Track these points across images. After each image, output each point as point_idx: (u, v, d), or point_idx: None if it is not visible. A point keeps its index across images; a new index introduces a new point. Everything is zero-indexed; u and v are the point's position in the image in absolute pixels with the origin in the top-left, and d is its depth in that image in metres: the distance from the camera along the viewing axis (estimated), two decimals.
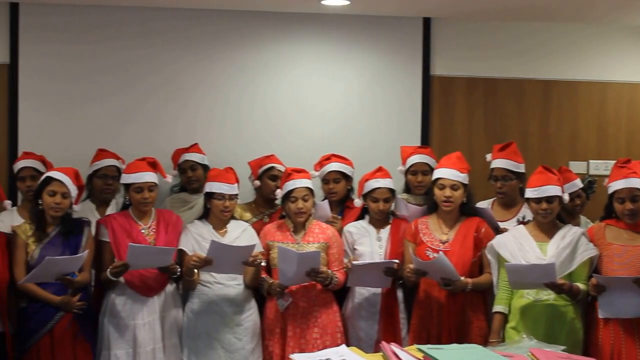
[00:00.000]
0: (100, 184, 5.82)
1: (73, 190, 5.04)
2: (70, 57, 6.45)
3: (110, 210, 5.80)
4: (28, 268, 4.93)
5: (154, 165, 5.29)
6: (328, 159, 5.83)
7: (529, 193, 5.01)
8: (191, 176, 6.08)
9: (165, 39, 6.57)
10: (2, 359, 4.88)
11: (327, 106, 6.77)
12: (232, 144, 6.57)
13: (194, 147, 6.17)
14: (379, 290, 5.35)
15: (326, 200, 5.71)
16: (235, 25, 6.63)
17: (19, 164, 5.79)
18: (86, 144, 6.13)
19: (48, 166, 5.72)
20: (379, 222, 5.44)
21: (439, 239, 5.18)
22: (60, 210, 5.02)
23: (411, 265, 5.08)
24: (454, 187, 5.15)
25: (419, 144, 6.52)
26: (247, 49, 6.67)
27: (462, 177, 5.18)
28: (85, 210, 5.59)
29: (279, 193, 5.38)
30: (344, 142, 6.55)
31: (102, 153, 5.93)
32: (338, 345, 4.63)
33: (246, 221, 5.61)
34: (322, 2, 6.29)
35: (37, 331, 4.92)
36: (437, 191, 5.20)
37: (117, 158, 5.90)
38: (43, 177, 5.13)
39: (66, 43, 6.44)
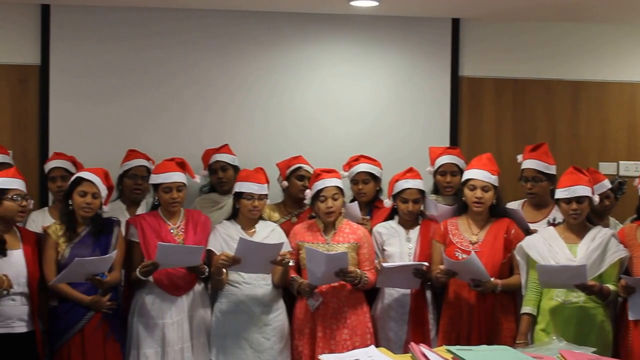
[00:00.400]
0: (130, 184, 5.84)
1: (103, 191, 5.07)
2: (100, 59, 6.48)
3: (141, 210, 5.83)
4: (58, 268, 4.96)
5: (182, 166, 5.32)
6: (357, 160, 5.83)
7: (559, 193, 4.99)
8: (222, 177, 6.06)
9: (196, 40, 6.59)
10: (33, 357, 4.91)
11: (355, 107, 6.76)
12: (261, 145, 6.57)
13: (225, 148, 6.16)
14: (408, 291, 5.34)
15: (355, 202, 5.70)
16: (264, 26, 6.64)
17: (50, 165, 5.84)
18: (116, 144, 6.16)
19: (78, 167, 5.76)
20: (408, 223, 5.43)
21: (468, 240, 5.17)
22: (91, 211, 5.04)
23: (441, 266, 5.07)
24: (484, 188, 5.14)
25: (447, 145, 6.50)
26: (277, 50, 6.68)
27: (492, 179, 5.16)
28: (116, 210, 5.61)
29: (309, 193, 5.38)
30: (373, 143, 6.54)
31: (132, 153, 5.96)
32: (367, 346, 4.64)
33: (274, 222, 5.63)
34: (351, 3, 6.29)
35: (67, 330, 4.95)
36: (467, 192, 5.18)
37: (147, 159, 5.93)
38: (73, 177, 5.16)
39: (97, 44, 6.47)
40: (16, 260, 4.85)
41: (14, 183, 4.89)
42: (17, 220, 4.93)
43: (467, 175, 5.24)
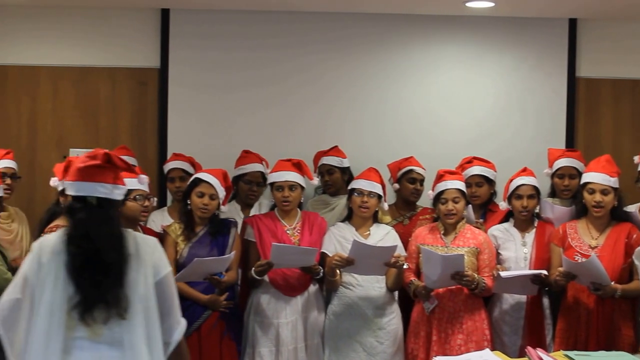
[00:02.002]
0: (245, 189, 5.90)
1: (221, 192, 5.11)
2: (217, 61, 6.60)
3: (254, 211, 5.89)
4: (177, 267, 5.03)
5: (299, 167, 5.34)
6: (470, 162, 5.77)
7: None
8: (327, 180, 6.09)
9: (310, 42, 6.65)
10: None
11: (469, 109, 6.71)
12: (373, 147, 6.58)
13: (333, 150, 6.17)
14: (524, 296, 5.27)
15: (469, 205, 5.62)
16: (378, 28, 6.66)
17: (169, 165, 5.96)
18: (232, 145, 6.24)
19: (197, 167, 5.86)
20: (523, 225, 5.36)
21: (588, 243, 5.06)
22: (208, 212, 5.10)
23: (560, 268, 4.98)
24: (604, 191, 5.03)
25: (564, 147, 6.40)
26: (390, 52, 6.69)
27: (612, 182, 5.04)
28: (231, 210, 5.67)
29: (431, 194, 5.35)
30: (486, 145, 6.49)
31: (247, 155, 6.02)
32: None
33: (385, 224, 5.60)
34: (467, 4, 6.25)
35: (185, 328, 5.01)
36: (586, 196, 5.08)
37: (261, 160, 5.99)
38: (192, 178, 5.24)
39: (214, 47, 6.60)
40: None
41: (134, 184, 4.96)
42: (140, 219, 5.02)
43: (585, 178, 5.14)
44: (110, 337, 3.28)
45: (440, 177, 5.30)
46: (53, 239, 3.34)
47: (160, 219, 5.67)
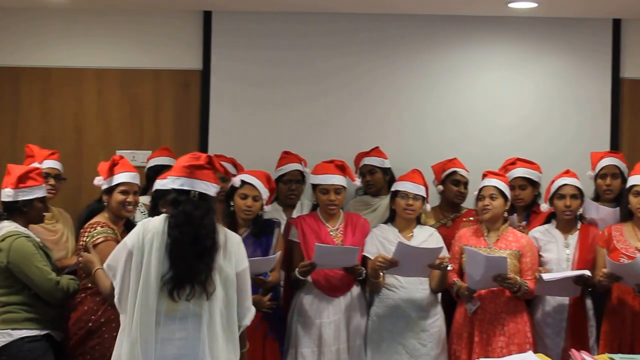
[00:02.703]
0: (284, 189, 5.91)
1: (264, 193, 5.12)
2: (259, 63, 6.63)
3: (296, 212, 5.91)
4: None
5: (342, 169, 5.34)
6: (513, 163, 5.74)
7: None
8: (369, 180, 6.08)
9: (349, 43, 6.65)
10: None
11: (512, 109, 6.67)
12: (416, 148, 6.57)
13: (375, 151, 6.16)
14: (567, 298, 5.24)
15: (514, 214, 5.58)
16: (420, 29, 6.65)
17: None
18: (273, 147, 6.24)
19: (238, 168, 5.89)
20: (566, 226, 5.32)
21: (634, 246, 5.02)
22: (251, 213, 5.11)
23: (605, 270, 4.94)
24: None
25: (608, 149, 6.31)
26: (432, 53, 6.68)
27: None
28: (273, 212, 5.68)
29: (474, 196, 5.34)
30: (529, 147, 6.41)
31: (286, 156, 6.04)
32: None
33: (429, 226, 5.58)
34: (509, 5, 6.22)
35: None
36: (632, 199, 5.04)
37: (300, 160, 6.00)
38: (234, 180, 5.25)
39: (256, 49, 6.62)
40: None
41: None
42: None
43: (631, 181, 5.10)
44: (187, 311, 3.81)
45: (483, 176, 5.32)
46: (157, 221, 3.89)
47: None
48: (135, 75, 6.69)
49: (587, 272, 5.07)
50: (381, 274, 5.20)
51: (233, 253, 3.91)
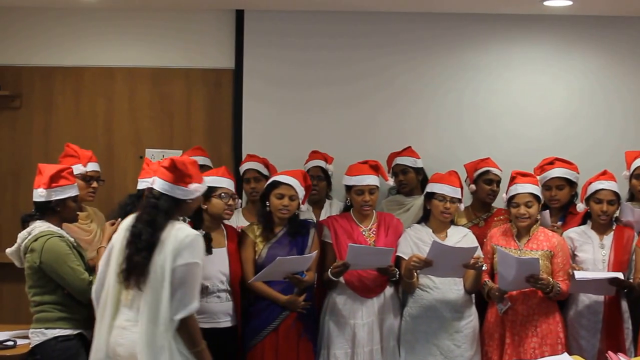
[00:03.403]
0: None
1: (300, 192, 5.13)
2: (292, 62, 6.61)
3: (325, 212, 5.91)
4: (256, 267, 5.07)
5: (376, 168, 5.32)
6: (551, 163, 5.67)
7: None
8: (402, 180, 6.04)
9: (382, 43, 6.61)
10: (235, 351, 5.06)
11: (547, 109, 6.61)
12: (449, 147, 6.54)
13: (407, 151, 6.13)
14: (601, 298, 5.17)
15: (547, 211, 5.53)
16: (454, 28, 6.61)
17: (244, 167, 5.97)
18: (306, 146, 6.25)
19: (270, 168, 5.89)
20: (601, 228, 5.26)
21: None
22: (288, 213, 5.11)
23: None
24: None
25: None
26: (466, 52, 6.63)
27: None
28: (303, 210, 5.64)
29: (504, 197, 5.29)
30: (565, 147, 6.36)
31: (311, 154, 6.08)
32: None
33: (461, 226, 5.55)
34: (545, 3, 6.17)
35: (263, 329, 5.04)
36: None
37: (323, 157, 5.99)
38: (271, 180, 5.25)
39: (288, 48, 6.61)
40: (220, 258, 5.01)
41: (223, 182, 5.05)
42: (224, 218, 5.07)
43: None
44: (132, 301, 4.06)
45: (512, 180, 5.24)
46: (129, 218, 4.20)
47: (235, 220, 5.67)
48: (166, 74, 6.70)
49: (620, 275, 5.01)
50: (415, 274, 5.16)
51: (169, 248, 3.99)
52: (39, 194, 4.68)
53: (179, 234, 4.04)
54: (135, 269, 4.02)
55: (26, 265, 4.66)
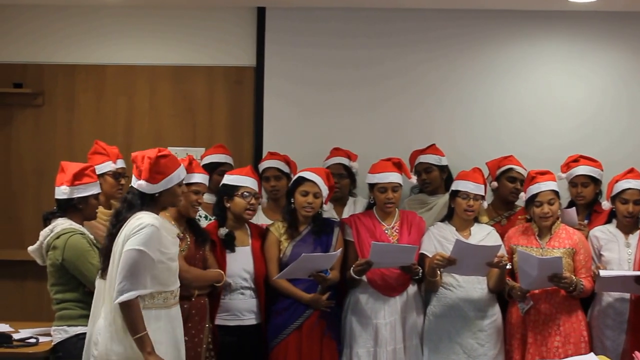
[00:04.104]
0: None
1: (324, 190, 5.13)
2: (314, 60, 6.57)
3: (348, 209, 5.87)
4: (280, 265, 5.07)
5: (399, 166, 5.30)
6: (576, 160, 5.62)
7: None
8: (425, 178, 5.99)
9: (405, 41, 6.56)
10: (260, 348, 5.07)
11: (572, 106, 6.54)
12: (472, 145, 6.47)
13: (431, 149, 6.08)
14: (627, 296, 5.12)
15: (573, 208, 5.50)
16: (477, 25, 6.55)
17: (264, 164, 5.93)
18: (328, 144, 6.22)
19: (292, 166, 5.86)
20: (627, 227, 5.21)
21: None
22: (312, 210, 5.12)
23: None
24: None
25: None
26: (490, 49, 6.58)
27: None
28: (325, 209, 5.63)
29: (523, 196, 5.25)
30: (590, 144, 6.28)
31: (333, 151, 6.05)
32: (581, 355, 4.53)
33: (486, 224, 5.51)
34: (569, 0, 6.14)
35: (286, 327, 5.05)
36: None
37: (346, 154, 5.97)
38: (295, 177, 5.26)
39: (310, 45, 6.57)
40: (245, 256, 5.04)
41: (246, 181, 5.08)
42: (245, 217, 5.08)
43: None
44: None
45: (532, 179, 5.21)
46: None
47: (256, 218, 5.65)
48: (188, 72, 6.68)
49: None
50: (438, 272, 5.14)
51: (122, 236, 4.09)
52: (62, 192, 4.69)
53: (135, 222, 4.10)
54: (103, 258, 4.20)
55: (48, 262, 4.67)
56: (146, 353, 4.00)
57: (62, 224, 4.68)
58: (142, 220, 4.10)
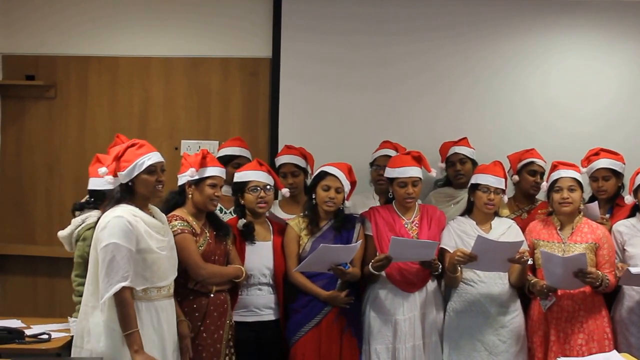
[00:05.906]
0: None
1: (346, 185, 5.09)
2: (331, 51, 6.50)
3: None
4: (299, 261, 5.02)
5: (418, 160, 5.22)
6: (597, 154, 5.55)
7: None
8: (459, 170, 5.93)
9: (425, 28, 6.49)
10: (278, 344, 5.03)
11: (595, 98, 6.45)
12: (495, 138, 6.39)
13: (464, 141, 6.03)
14: None
15: (596, 202, 5.42)
16: (501, 15, 6.47)
17: (280, 160, 5.85)
18: (343, 136, 6.24)
19: (308, 159, 5.80)
20: None
21: None
22: (334, 205, 5.08)
23: None
24: None
25: None
26: (514, 40, 6.50)
27: None
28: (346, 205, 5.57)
29: (545, 186, 5.21)
30: (613, 137, 6.21)
31: (383, 144, 5.96)
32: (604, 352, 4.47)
33: (507, 218, 5.43)
34: None
35: (305, 324, 5.01)
36: None
37: (395, 148, 5.85)
38: (317, 171, 5.21)
39: (327, 36, 6.49)
40: (265, 252, 5.01)
41: (252, 175, 5.05)
42: (259, 211, 5.03)
43: None
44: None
45: (554, 167, 5.18)
46: None
47: (272, 213, 5.60)
48: (202, 64, 6.65)
49: None
50: (459, 268, 5.07)
51: (95, 233, 4.19)
52: (108, 181, 4.55)
53: (101, 221, 4.19)
54: None
55: (76, 253, 4.73)
56: (132, 351, 4.07)
57: (94, 215, 4.70)
58: (113, 212, 4.17)
